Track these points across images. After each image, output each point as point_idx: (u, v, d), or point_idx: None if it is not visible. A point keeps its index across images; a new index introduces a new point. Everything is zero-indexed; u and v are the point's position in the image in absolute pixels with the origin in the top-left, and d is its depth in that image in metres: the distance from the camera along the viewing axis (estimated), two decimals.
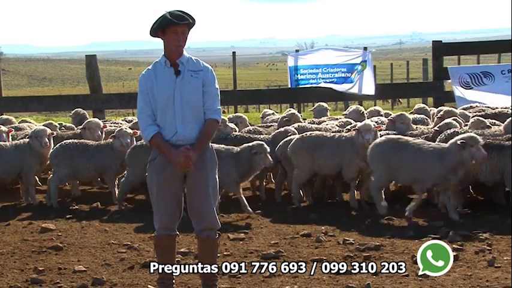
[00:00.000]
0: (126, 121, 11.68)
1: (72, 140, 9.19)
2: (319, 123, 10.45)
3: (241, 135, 9.27)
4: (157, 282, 5.32)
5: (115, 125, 10.89)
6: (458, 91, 14.38)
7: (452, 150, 7.44)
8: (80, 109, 12.14)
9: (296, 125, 9.76)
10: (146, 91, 5.09)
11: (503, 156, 7.65)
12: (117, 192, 8.95)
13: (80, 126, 10.10)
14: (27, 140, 9.10)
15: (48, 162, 9.19)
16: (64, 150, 8.95)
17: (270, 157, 8.11)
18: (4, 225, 7.91)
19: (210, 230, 5.16)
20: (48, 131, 9.16)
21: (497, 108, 11.19)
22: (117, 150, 8.88)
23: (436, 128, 8.85)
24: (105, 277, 5.91)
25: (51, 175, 9.19)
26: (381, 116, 10.82)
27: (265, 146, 8.15)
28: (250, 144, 8.23)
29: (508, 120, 8.52)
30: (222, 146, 8.39)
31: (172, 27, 4.97)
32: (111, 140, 9.00)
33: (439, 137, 8.38)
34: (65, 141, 9.16)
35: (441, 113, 9.90)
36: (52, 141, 9.16)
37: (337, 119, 10.88)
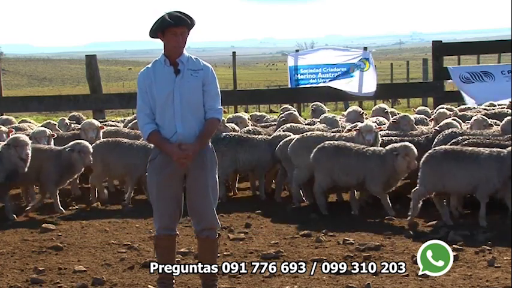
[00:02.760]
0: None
1: (108, 139, 9.13)
2: None
3: (240, 135, 9.23)
4: (157, 282, 5.32)
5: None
6: (461, 87, 14.36)
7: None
8: (78, 113, 12.34)
9: (289, 125, 9.75)
10: (145, 89, 5.08)
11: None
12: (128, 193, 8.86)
13: (78, 126, 10.18)
14: None
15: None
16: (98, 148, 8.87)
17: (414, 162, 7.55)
18: (4, 225, 7.91)
19: (210, 230, 5.16)
20: (48, 132, 9.14)
21: (495, 108, 11.21)
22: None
23: (436, 127, 8.88)
24: (105, 277, 5.91)
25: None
26: (386, 113, 10.80)
27: (412, 146, 7.64)
28: (395, 145, 7.77)
29: (505, 119, 8.50)
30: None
31: (171, 29, 4.96)
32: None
33: (437, 137, 8.42)
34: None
35: (434, 115, 10.02)
36: (52, 142, 9.14)
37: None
